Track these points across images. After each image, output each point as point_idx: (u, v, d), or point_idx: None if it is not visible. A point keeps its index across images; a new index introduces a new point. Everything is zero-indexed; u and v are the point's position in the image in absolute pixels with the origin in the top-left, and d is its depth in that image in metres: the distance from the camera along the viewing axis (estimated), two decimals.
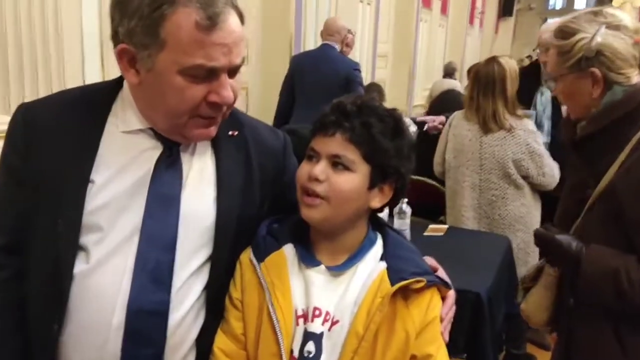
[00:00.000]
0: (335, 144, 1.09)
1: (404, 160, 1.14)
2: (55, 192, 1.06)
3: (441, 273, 1.20)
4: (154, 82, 1.03)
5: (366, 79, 5.72)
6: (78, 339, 1.08)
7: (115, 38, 1.04)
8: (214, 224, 1.13)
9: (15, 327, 1.12)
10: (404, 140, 1.14)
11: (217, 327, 1.16)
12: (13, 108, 2.22)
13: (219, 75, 1.02)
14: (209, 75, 1.01)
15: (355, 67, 4.19)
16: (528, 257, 2.87)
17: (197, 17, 0.97)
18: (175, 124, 1.06)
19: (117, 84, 1.14)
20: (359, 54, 6.18)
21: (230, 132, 1.18)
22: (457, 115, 2.93)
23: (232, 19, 1.01)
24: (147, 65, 1.01)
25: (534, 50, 8.81)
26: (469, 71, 4.86)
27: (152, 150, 1.11)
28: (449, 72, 7.88)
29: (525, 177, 2.76)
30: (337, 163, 1.09)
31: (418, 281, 1.09)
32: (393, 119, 1.13)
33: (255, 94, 4.64)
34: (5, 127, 2.23)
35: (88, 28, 2.62)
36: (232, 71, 1.05)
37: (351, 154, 1.09)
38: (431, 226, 2.75)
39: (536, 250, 2.91)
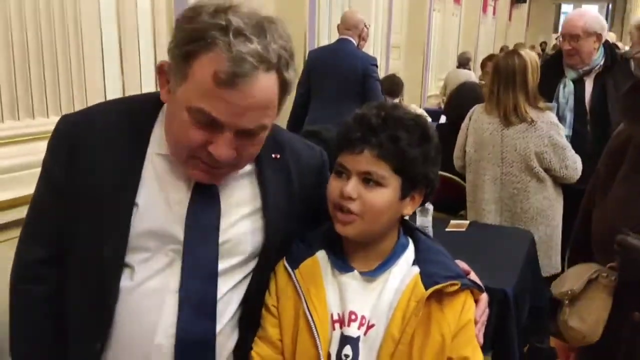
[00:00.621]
0: (365, 161, 1.09)
1: (432, 166, 1.14)
2: (100, 212, 1.06)
3: (473, 276, 1.21)
4: (172, 109, 1.02)
5: (380, 71, 5.69)
6: (121, 357, 1.09)
7: (169, 51, 1.01)
8: (258, 249, 1.13)
9: (54, 343, 1.13)
10: (431, 145, 1.14)
11: (252, 338, 1.17)
12: (35, 113, 2.27)
13: (223, 129, 0.97)
14: (212, 124, 0.97)
15: (373, 63, 4.14)
16: (550, 251, 2.85)
17: (218, 67, 0.92)
18: (177, 155, 1.04)
19: (159, 99, 1.09)
20: (372, 46, 6.14)
21: (273, 155, 1.17)
22: (477, 109, 2.90)
23: (259, 84, 0.95)
24: (173, 89, 1.00)
25: (556, 38, 8.68)
26: (483, 64, 4.80)
27: (187, 178, 1.09)
28: (463, 62, 7.84)
29: (547, 170, 2.74)
30: (367, 179, 1.09)
31: (452, 284, 1.10)
32: (419, 126, 1.12)
33: None
34: (26, 130, 2.25)
35: (107, 36, 2.63)
36: (244, 134, 1.00)
37: (381, 170, 1.09)
38: (452, 222, 2.74)
39: (558, 243, 2.91)
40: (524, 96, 2.70)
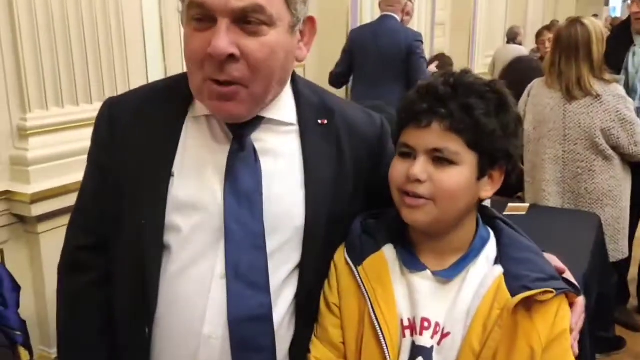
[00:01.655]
0: (433, 136, 0.94)
1: (512, 139, 0.99)
2: (138, 187, 1.02)
3: (567, 275, 1.04)
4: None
5: (425, 49, 5.49)
6: (168, 345, 1.03)
7: None
8: (302, 224, 1.02)
9: (104, 330, 1.10)
10: (510, 115, 0.98)
11: (308, 335, 1.07)
12: (79, 101, 2.24)
13: (217, 20, 0.89)
14: (207, 19, 0.90)
15: (417, 39, 3.95)
16: (617, 235, 2.66)
17: None
18: (197, 89, 0.97)
19: None
20: (416, 24, 5.93)
21: (319, 121, 1.06)
22: (537, 83, 2.71)
23: None
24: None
25: (624, 1, 8.18)
26: (539, 33, 4.52)
27: (223, 140, 1.02)
28: (512, 37, 7.50)
29: (615, 148, 2.53)
30: (438, 158, 0.95)
31: (546, 292, 0.93)
32: (495, 93, 0.97)
33: (312, 72, 4.51)
34: (69, 118, 2.23)
35: (149, 15, 2.59)
36: (241, 21, 0.90)
37: (454, 145, 0.94)
38: (510, 205, 2.58)
39: (626, 227, 2.71)
40: (588, 68, 2.50)
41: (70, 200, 2.14)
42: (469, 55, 7.81)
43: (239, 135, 1.01)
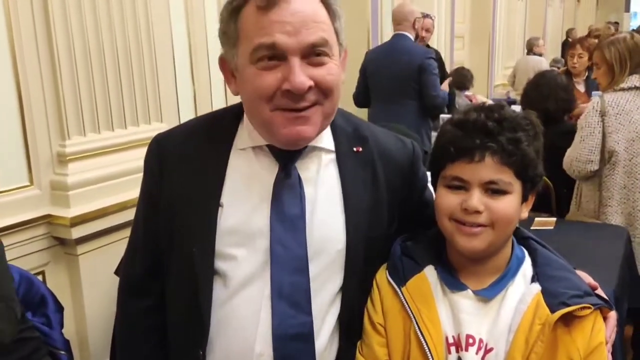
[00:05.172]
0: (487, 170, 1.00)
1: (541, 162, 1.06)
2: (188, 216, 1.08)
3: (599, 291, 1.09)
4: (240, 83, 1.03)
5: (445, 62, 5.51)
6: None
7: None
8: (343, 248, 1.08)
9: (160, 354, 1.16)
10: (541, 142, 1.05)
11: (352, 352, 1.12)
12: (115, 127, 2.33)
13: (288, 59, 0.96)
14: (275, 57, 0.97)
15: (427, 56, 3.90)
16: None
17: (258, 2, 0.97)
18: (263, 122, 1.02)
19: (240, 107, 1.13)
20: (436, 37, 5.97)
21: (354, 149, 1.12)
22: (614, 98, 2.57)
23: (300, 1, 0.97)
24: (233, 66, 1.03)
25: None
26: (573, 45, 4.37)
27: (269, 169, 1.08)
28: (529, 48, 7.49)
29: None
30: (493, 189, 1.01)
31: (584, 308, 0.99)
32: (532, 124, 1.04)
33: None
34: (105, 143, 2.31)
35: (178, 44, 2.68)
36: (310, 56, 0.98)
37: (506, 176, 1.01)
38: (537, 219, 2.58)
39: None
40: None
41: (108, 222, 2.24)
42: (488, 67, 7.81)
43: (285, 163, 1.07)
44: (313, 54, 0.98)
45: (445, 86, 4.19)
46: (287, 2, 0.96)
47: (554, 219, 2.60)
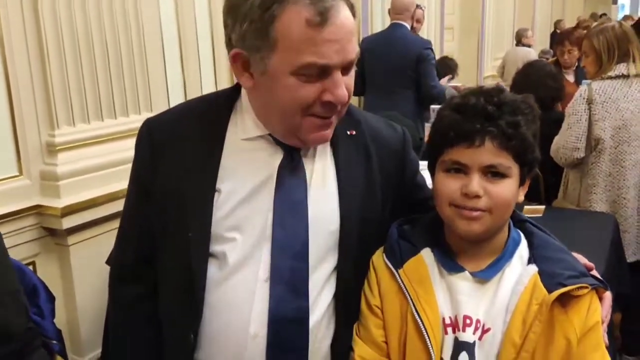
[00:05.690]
0: (487, 154, 1.01)
1: (537, 145, 1.07)
2: (183, 202, 1.07)
3: (594, 272, 1.10)
4: (268, 85, 1.00)
5: (435, 54, 5.52)
6: (215, 348, 1.09)
7: (229, 44, 1.03)
8: (338, 228, 1.09)
9: (153, 340, 1.16)
10: (537, 126, 1.06)
11: (348, 334, 1.13)
12: (104, 117, 2.32)
13: (332, 73, 0.98)
14: (322, 73, 0.98)
15: (426, 47, 3.99)
16: None
17: (307, 14, 0.93)
18: (290, 125, 1.03)
19: (233, 91, 1.13)
20: (426, 28, 5.97)
21: (348, 132, 1.13)
22: (602, 86, 2.58)
23: (344, 13, 0.97)
24: (260, 68, 0.99)
25: None
26: (561, 38, 4.40)
27: (272, 157, 1.09)
28: (518, 39, 7.52)
29: None
30: (492, 173, 1.02)
31: (581, 287, 1.00)
32: (530, 107, 1.05)
33: None
34: (95, 133, 2.30)
35: (167, 34, 2.66)
36: (346, 68, 1.00)
37: (505, 160, 1.01)
38: (527, 207, 2.60)
39: None
40: None
41: (99, 212, 2.24)
42: (478, 58, 7.83)
43: (290, 149, 1.08)
44: (348, 67, 1.01)
45: (444, 81, 4.22)
46: (336, 16, 0.95)
47: (543, 206, 2.63)
